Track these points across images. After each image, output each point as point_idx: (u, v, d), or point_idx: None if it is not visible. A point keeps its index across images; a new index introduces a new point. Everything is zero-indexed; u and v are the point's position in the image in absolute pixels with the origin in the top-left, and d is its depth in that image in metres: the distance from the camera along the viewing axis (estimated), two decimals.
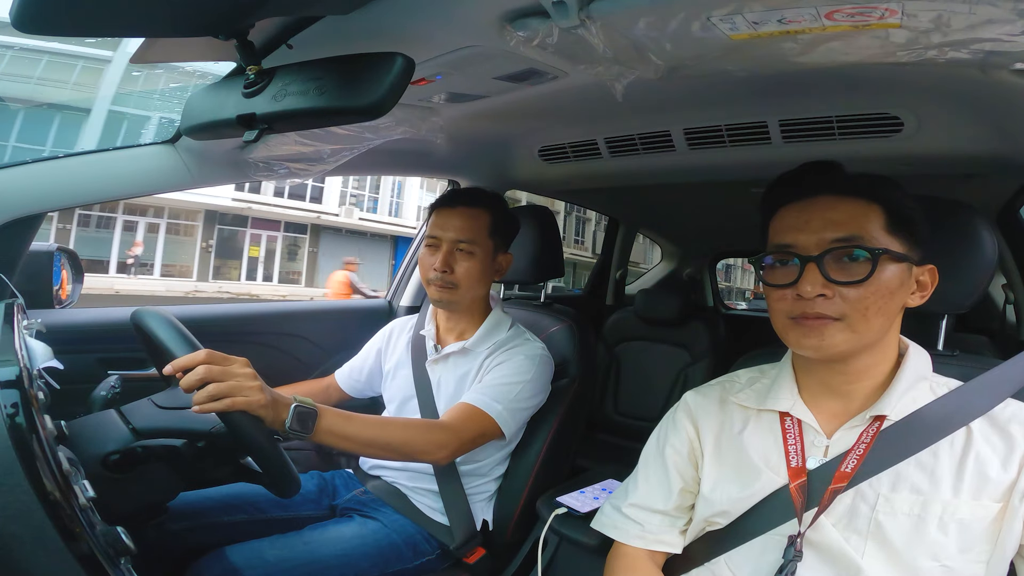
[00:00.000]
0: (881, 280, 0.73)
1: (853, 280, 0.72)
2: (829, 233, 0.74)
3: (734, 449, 0.85)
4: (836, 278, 0.73)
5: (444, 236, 1.30)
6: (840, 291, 0.73)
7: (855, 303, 0.73)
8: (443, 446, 1.12)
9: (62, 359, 0.89)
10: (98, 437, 0.86)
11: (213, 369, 0.84)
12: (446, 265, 1.28)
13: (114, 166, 1.11)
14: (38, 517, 0.56)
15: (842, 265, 0.74)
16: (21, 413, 0.62)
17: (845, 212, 0.75)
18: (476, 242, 1.30)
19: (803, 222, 0.76)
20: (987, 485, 0.70)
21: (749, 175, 1.52)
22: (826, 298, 0.73)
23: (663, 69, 0.89)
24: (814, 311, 0.74)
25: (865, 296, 0.72)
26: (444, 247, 1.29)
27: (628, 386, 2.54)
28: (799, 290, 0.74)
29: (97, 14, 0.65)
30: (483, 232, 1.31)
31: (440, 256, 1.29)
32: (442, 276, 1.28)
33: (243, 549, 1.07)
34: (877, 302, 0.73)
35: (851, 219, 0.74)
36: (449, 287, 1.29)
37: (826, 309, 0.73)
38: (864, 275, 0.72)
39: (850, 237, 0.73)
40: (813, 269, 0.73)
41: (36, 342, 0.86)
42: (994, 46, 0.72)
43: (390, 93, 0.69)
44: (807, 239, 0.75)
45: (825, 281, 0.73)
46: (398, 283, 1.96)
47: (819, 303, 0.73)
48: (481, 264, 1.31)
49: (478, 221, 1.31)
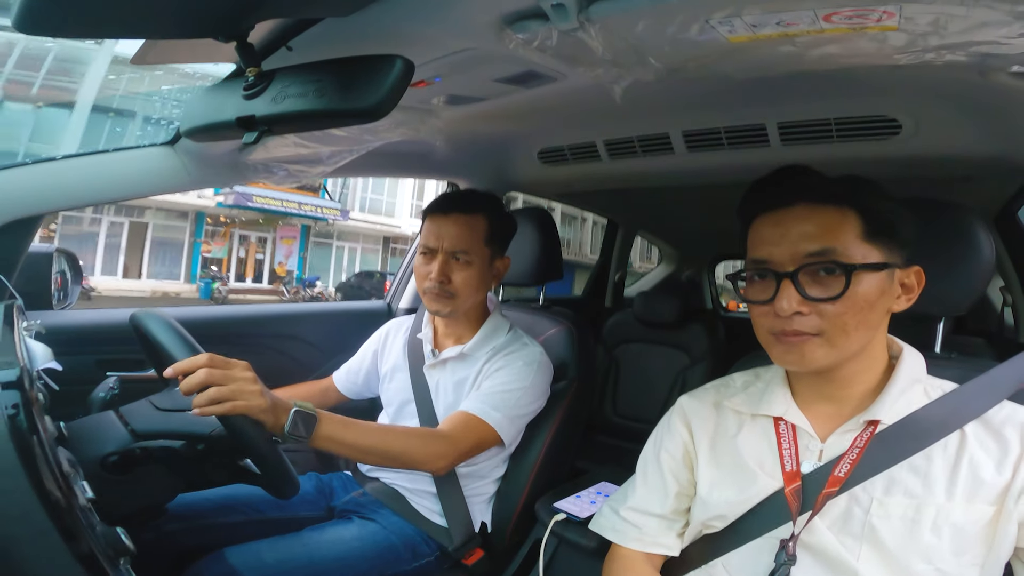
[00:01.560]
0: (858, 294, 0.71)
1: (829, 296, 0.71)
2: (803, 246, 0.73)
3: (729, 453, 0.85)
4: (812, 294, 0.72)
5: (439, 245, 1.25)
6: (817, 307, 0.72)
7: (833, 319, 0.72)
8: (442, 456, 1.11)
9: (61, 360, 0.89)
10: (97, 438, 0.87)
11: (214, 373, 0.84)
12: (443, 275, 1.24)
13: (113, 167, 1.11)
14: (39, 518, 0.57)
15: (818, 280, 0.72)
16: (22, 414, 0.62)
17: (819, 223, 0.73)
18: (473, 251, 1.26)
19: (778, 235, 0.75)
20: (981, 488, 0.70)
21: (748, 177, 1.51)
22: (803, 315, 0.72)
23: (662, 71, 0.89)
24: (792, 328, 0.73)
25: (843, 312, 0.71)
26: (440, 257, 1.25)
27: (627, 388, 2.54)
28: (776, 308, 0.73)
29: (98, 15, 0.65)
30: (480, 240, 1.27)
31: (436, 266, 1.24)
32: (439, 286, 1.24)
33: (242, 551, 1.07)
34: (856, 316, 0.72)
35: (825, 231, 0.73)
36: (447, 297, 1.25)
37: (803, 326, 0.72)
38: (839, 291, 0.71)
39: (824, 251, 0.72)
40: (788, 286, 0.72)
41: (36, 343, 0.87)
42: (992, 48, 0.73)
43: (389, 95, 0.69)
44: (782, 253, 0.74)
45: (801, 298, 0.72)
46: (397, 285, 1.96)
47: (796, 320, 0.72)
48: (479, 273, 1.27)
49: (474, 229, 1.27)
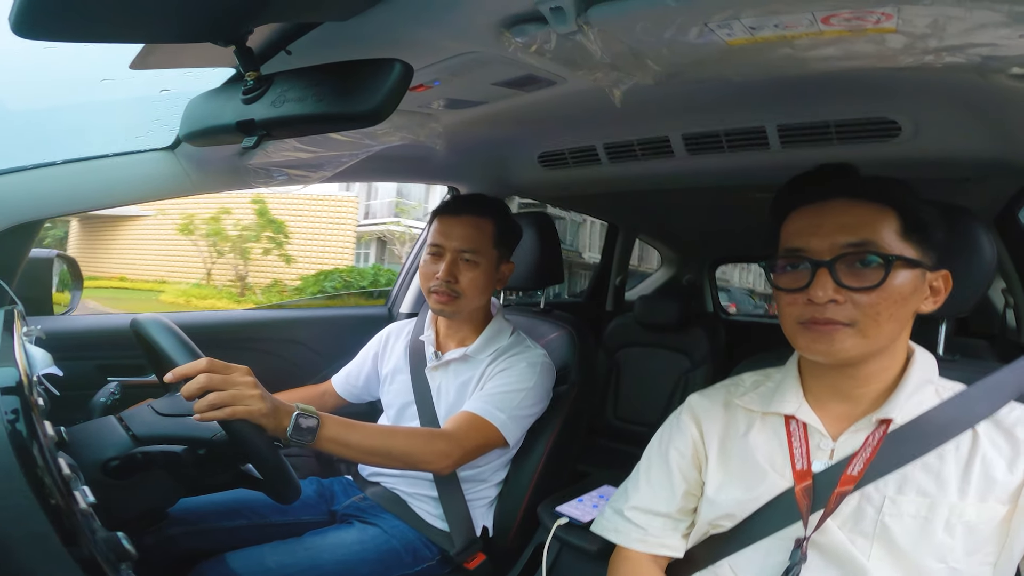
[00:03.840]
0: (894, 286, 0.72)
1: (865, 286, 0.72)
2: (842, 238, 0.73)
3: (739, 451, 0.85)
4: (848, 283, 0.72)
5: (448, 245, 1.27)
6: (852, 296, 0.72)
7: (866, 309, 0.72)
8: (446, 456, 1.11)
9: (61, 366, 0.89)
10: (98, 443, 0.86)
11: (214, 378, 0.84)
12: (450, 275, 1.26)
13: (113, 172, 1.11)
14: (39, 522, 0.57)
15: (854, 270, 0.73)
16: (21, 419, 0.62)
17: (858, 216, 0.74)
18: (481, 252, 1.28)
19: (815, 226, 0.76)
20: (994, 487, 0.70)
21: (748, 180, 1.52)
22: (837, 303, 0.72)
23: (661, 75, 0.89)
24: (824, 316, 0.73)
25: (877, 302, 0.72)
26: (448, 256, 1.27)
27: (628, 391, 2.54)
28: (810, 295, 0.73)
29: (96, 20, 0.65)
30: (488, 242, 1.29)
31: (444, 265, 1.26)
32: (446, 285, 1.26)
33: (244, 555, 1.07)
34: (889, 308, 0.72)
35: (864, 224, 0.74)
36: (453, 297, 1.27)
37: (837, 314, 0.73)
38: (877, 281, 0.72)
39: (863, 242, 0.73)
40: (825, 274, 0.73)
41: (36, 348, 0.87)
42: (991, 50, 0.73)
43: (389, 99, 0.69)
44: (819, 243, 0.75)
45: (836, 286, 0.72)
46: (398, 290, 1.96)
47: (830, 308, 0.73)
48: (485, 274, 1.29)
49: (483, 231, 1.29)
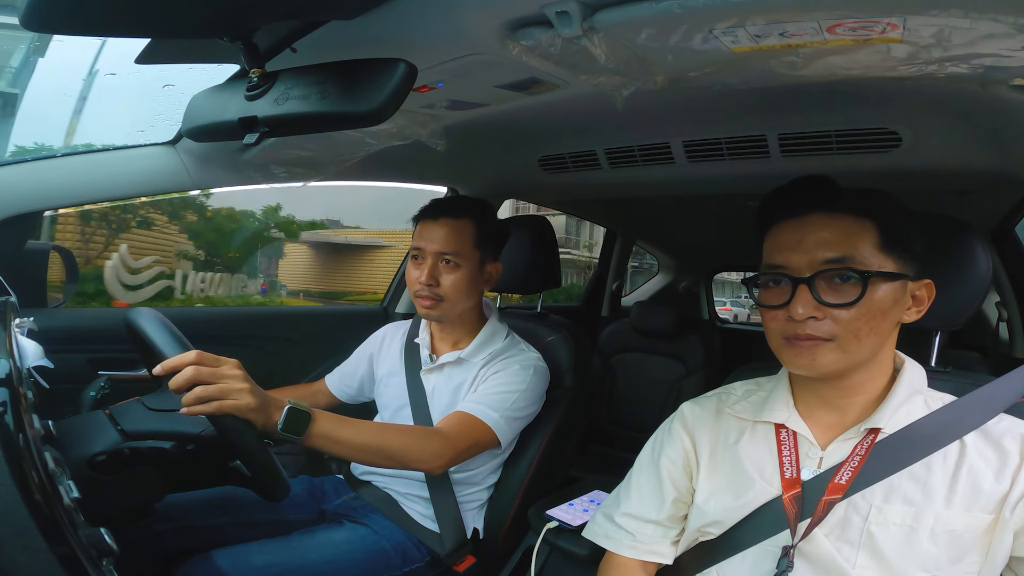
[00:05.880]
0: (873, 301, 0.73)
1: (844, 302, 0.73)
2: (820, 254, 0.74)
3: (729, 460, 0.85)
4: (827, 300, 0.73)
5: (428, 248, 1.27)
6: (831, 312, 0.73)
7: (846, 324, 0.73)
8: (439, 455, 1.10)
9: (53, 358, 0.88)
10: (85, 438, 0.85)
11: (202, 371, 0.83)
12: (431, 278, 1.25)
13: (113, 166, 1.11)
14: (21, 517, 0.56)
15: (833, 286, 0.74)
16: (9, 412, 0.61)
17: (837, 231, 0.75)
18: (461, 254, 1.27)
19: (795, 242, 0.76)
20: (980, 497, 0.71)
21: (747, 188, 1.53)
22: (817, 320, 0.73)
23: (664, 81, 0.89)
24: (805, 332, 0.74)
25: (856, 317, 0.73)
26: (429, 260, 1.27)
27: (622, 397, 2.54)
28: (790, 312, 0.74)
29: (105, 14, 0.65)
30: (468, 243, 1.28)
31: (425, 269, 1.26)
32: (428, 289, 1.25)
33: (230, 553, 1.06)
34: (869, 323, 0.73)
35: (843, 239, 0.74)
36: (436, 300, 1.26)
37: (817, 330, 0.73)
38: (855, 297, 0.72)
39: (841, 258, 0.74)
40: (804, 291, 0.74)
41: (27, 341, 0.86)
42: (994, 61, 0.73)
43: (392, 99, 0.69)
44: (799, 260, 0.75)
45: (816, 303, 0.73)
46: (394, 290, 1.95)
47: (810, 324, 0.74)
48: (468, 276, 1.28)
49: (462, 232, 1.28)
